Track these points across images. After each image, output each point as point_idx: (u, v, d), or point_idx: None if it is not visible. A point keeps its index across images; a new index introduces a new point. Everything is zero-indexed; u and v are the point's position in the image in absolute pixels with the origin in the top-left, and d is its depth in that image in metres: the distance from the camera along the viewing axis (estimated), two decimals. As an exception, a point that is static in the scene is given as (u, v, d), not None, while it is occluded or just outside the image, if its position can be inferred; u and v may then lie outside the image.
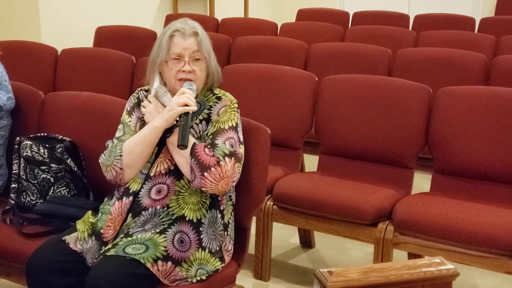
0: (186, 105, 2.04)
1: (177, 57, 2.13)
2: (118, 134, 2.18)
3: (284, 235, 3.38)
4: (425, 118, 2.85)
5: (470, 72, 3.62)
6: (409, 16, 5.77)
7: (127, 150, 2.09)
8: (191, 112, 2.04)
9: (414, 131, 2.85)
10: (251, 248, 2.83)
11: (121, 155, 2.08)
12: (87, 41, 4.77)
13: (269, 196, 2.86)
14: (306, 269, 3.08)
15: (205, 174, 1.99)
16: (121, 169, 2.09)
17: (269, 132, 2.25)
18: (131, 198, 2.07)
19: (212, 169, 1.99)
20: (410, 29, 5.43)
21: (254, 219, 2.73)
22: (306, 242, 3.33)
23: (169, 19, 5.80)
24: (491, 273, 2.64)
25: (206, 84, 2.20)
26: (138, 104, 2.23)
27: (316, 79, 3.17)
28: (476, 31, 5.27)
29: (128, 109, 2.24)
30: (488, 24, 5.35)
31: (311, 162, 3.42)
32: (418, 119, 2.86)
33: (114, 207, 2.09)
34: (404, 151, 2.87)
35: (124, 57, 3.72)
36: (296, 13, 6.19)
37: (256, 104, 3.20)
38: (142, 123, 2.18)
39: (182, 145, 1.99)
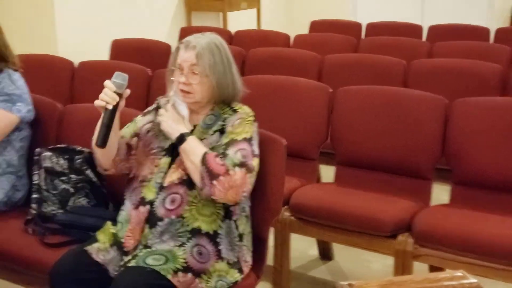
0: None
1: (179, 68, 2.19)
2: None
3: (303, 247, 3.40)
4: (441, 129, 2.87)
5: (486, 83, 3.64)
6: (422, 26, 5.79)
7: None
8: (109, 109, 2.08)
9: (430, 142, 2.87)
10: (270, 260, 2.85)
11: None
12: (103, 54, 4.83)
13: (286, 207, 2.88)
14: (326, 281, 3.09)
15: (214, 182, 2.01)
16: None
17: (285, 143, 2.28)
18: (147, 207, 2.11)
19: (221, 177, 2.01)
20: (424, 39, 5.46)
21: (272, 230, 2.76)
22: (325, 253, 3.34)
23: (183, 31, 5.87)
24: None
25: (214, 97, 2.20)
26: (155, 109, 2.28)
27: (331, 90, 3.20)
28: (491, 42, 5.29)
29: (144, 111, 2.32)
30: (504, 34, 5.37)
31: (327, 173, 3.44)
32: (434, 129, 2.88)
33: (132, 216, 2.13)
34: (421, 162, 2.88)
35: (140, 69, 3.76)
36: (309, 24, 6.24)
37: (271, 116, 3.21)
38: (153, 127, 2.23)
39: (98, 145, 2.07)
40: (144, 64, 3.83)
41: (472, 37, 5.07)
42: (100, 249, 2.11)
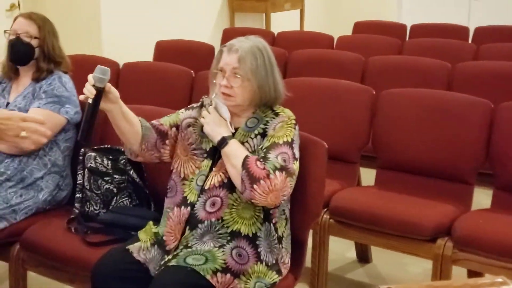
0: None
1: (221, 71, 2.21)
2: None
3: (341, 249, 3.41)
4: (486, 133, 2.85)
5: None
6: (469, 28, 5.72)
7: None
8: (90, 103, 2.08)
9: (474, 147, 2.86)
10: (308, 262, 2.86)
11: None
12: (147, 56, 4.91)
13: (325, 209, 2.90)
14: (364, 284, 3.10)
15: (254, 186, 2.02)
16: None
17: (326, 146, 2.29)
18: (188, 208, 2.15)
19: (262, 181, 2.02)
20: (470, 41, 5.39)
21: (310, 232, 2.77)
22: (363, 256, 3.34)
23: (226, 33, 5.92)
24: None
25: (256, 100, 2.21)
26: (199, 106, 2.31)
27: (374, 92, 3.20)
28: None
29: (188, 106, 2.35)
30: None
31: (368, 176, 3.44)
32: (479, 134, 2.86)
33: (173, 213, 2.17)
34: (464, 166, 2.87)
35: (183, 71, 3.82)
36: (352, 25, 6.22)
37: (313, 118, 3.23)
38: (194, 123, 2.27)
39: (79, 141, 2.11)
40: (187, 65, 3.88)
41: (520, 39, 4.99)
42: (141, 248, 2.16)
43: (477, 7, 7.65)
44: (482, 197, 3.04)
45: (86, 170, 2.65)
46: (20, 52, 2.85)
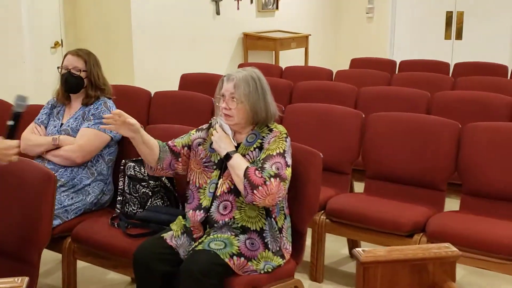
0: None
1: (222, 96, 2.44)
2: None
3: (336, 247, 3.59)
4: (455, 148, 3.07)
5: (495, 112, 3.80)
6: (449, 64, 5.95)
7: None
8: (8, 125, 2.11)
9: (446, 159, 3.07)
10: (307, 256, 3.09)
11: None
12: (173, 86, 5.08)
13: (322, 211, 3.12)
14: (354, 275, 3.28)
15: (255, 191, 2.24)
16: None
17: (321, 155, 2.52)
18: (202, 212, 2.38)
19: (260, 187, 2.24)
20: (450, 75, 5.61)
21: (310, 231, 3.01)
22: (354, 252, 3.55)
23: (240, 67, 6.14)
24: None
25: (250, 120, 2.41)
26: (209, 127, 2.53)
27: (363, 116, 3.42)
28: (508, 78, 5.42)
29: (199, 127, 2.57)
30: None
31: (358, 187, 3.66)
32: (449, 149, 3.07)
33: (192, 215, 2.40)
34: (437, 176, 3.09)
35: (204, 98, 3.98)
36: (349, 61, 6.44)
37: (314, 136, 3.44)
38: (203, 143, 2.49)
39: None
40: (208, 93, 4.01)
41: (492, 73, 5.21)
42: (173, 236, 2.40)
43: (459, 46, 7.93)
44: (452, 205, 3.25)
45: (126, 177, 2.87)
46: (72, 84, 3.05)
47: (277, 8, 7.70)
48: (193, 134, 2.54)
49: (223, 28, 6.75)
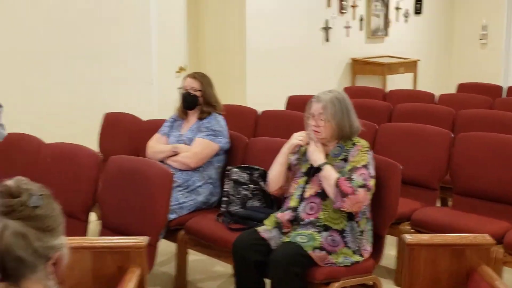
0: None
1: (311, 115, 2.78)
2: None
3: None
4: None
5: None
6: None
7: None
8: None
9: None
10: (393, 264, 3.36)
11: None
12: (282, 106, 5.42)
13: (407, 222, 3.33)
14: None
15: (345, 199, 2.57)
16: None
17: (401, 167, 2.78)
18: (290, 212, 2.73)
19: (350, 196, 2.56)
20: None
21: (395, 240, 3.27)
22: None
23: (346, 90, 6.37)
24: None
25: (335, 135, 2.72)
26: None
27: (452, 135, 3.59)
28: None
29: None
30: None
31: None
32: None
33: (280, 215, 2.76)
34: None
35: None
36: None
37: (405, 153, 3.65)
38: (298, 163, 2.85)
39: None
40: None
41: None
42: (266, 229, 2.76)
43: None
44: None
45: (231, 181, 3.29)
46: (189, 102, 3.53)
47: (386, 34, 7.93)
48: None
49: (332, 54, 7.07)
